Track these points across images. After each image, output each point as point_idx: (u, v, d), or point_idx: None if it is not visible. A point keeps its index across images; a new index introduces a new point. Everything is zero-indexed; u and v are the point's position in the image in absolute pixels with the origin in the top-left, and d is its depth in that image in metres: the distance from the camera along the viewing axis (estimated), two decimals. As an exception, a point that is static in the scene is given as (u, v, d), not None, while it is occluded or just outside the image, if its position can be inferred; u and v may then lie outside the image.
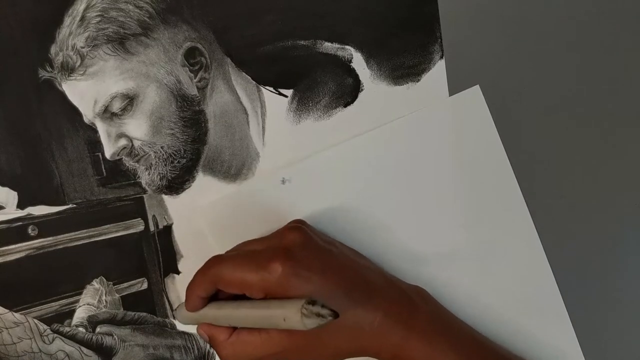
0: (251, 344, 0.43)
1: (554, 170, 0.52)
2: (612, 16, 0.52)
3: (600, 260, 0.53)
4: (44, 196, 0.46)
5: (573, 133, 0.52)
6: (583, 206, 0.53)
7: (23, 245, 0.46)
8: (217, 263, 0.43)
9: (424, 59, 0.50)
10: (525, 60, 0.51)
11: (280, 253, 0.42)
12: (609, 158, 0.53)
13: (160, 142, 0.48)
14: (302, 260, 0.42)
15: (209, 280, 0.43)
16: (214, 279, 0.43)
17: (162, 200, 0.49)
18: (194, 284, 0.44)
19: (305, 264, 0.42)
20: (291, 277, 0.41)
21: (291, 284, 0.41)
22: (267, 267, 0.41)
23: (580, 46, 0.52)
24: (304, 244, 0.43)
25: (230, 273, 0.42)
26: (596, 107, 0.52)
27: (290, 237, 0.44)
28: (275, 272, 0.41)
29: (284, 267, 0.41)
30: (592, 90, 0.52)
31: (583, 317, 0.52)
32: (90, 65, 0.46)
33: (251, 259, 0.42)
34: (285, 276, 0.41)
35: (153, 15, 0.46)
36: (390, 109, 0.50)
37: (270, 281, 0.41)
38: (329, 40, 0.49)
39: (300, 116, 0.49)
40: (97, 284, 0.48)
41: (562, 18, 0.51)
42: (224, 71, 0.48)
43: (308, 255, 0.43)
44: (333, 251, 0.45)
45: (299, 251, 0.42)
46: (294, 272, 0.41)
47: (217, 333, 0.44)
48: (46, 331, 0.47)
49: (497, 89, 0.51)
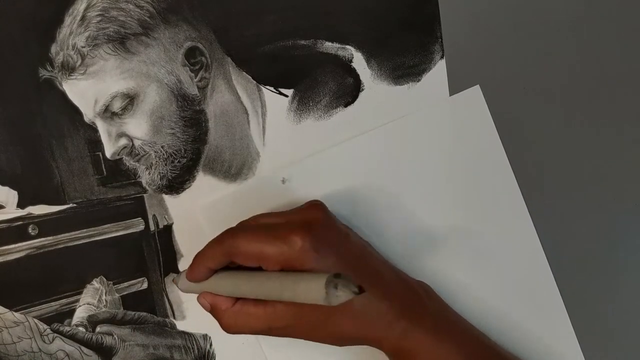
0: (255, 316, 0.43)
1: (553, 170, 0.52)
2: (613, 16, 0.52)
3: (600, 260, 0.53)
4: (44, 195, 0.46)
5: (573, 133, 0.52)
6: (583, 206, 0.53)
7: (23, 244, 0.46)
8: (233, 235, 0.42)
9: (424, 59, 0.50)
10: (525, 60, 0.51)
11: (301, 226, 0.41)
12: (608, 158, 0.53)
13: (161, 142, 0.48)
14: (321, 236, 0.42)
15: (223, 252, 0.42)
16: (229, 251, 0.42)
17: (162, 199, 0.49)
18: (205, 255, 0.43)
19: (325, 241, 0.42)
20: (310, 252, 0.41)
21: (309, 258, 0.41)
22: (286, 240, 0.41)
23: (580, 46, 0.52)
24: (325, 222, 0.43)
25: (248, 245, 0.42)
26: (596, 107, 0.53)
27: (312, 213, 0.44)
28: (295, 245, 0.41)
29: (304, 240, 0.41)
30: (592, 90, 0.52)
31: (583, 317, 0.52)
32: (91, 65, 0.46)
33: (270, 231, 0.42)
34: (304, 250, 0.41)
35: (154, 14, 0.46)
36: (390, 108, 0.50)
37: (289, 254, 0.41)
38: (330, 40, 0.49)
39: (301, 116, 0.49)
40: (97, 283, 0.48)
41: (562, 18, 0.51)
42: (225, 71, 0.48)
43: (327, 233, 0.43)
44: (350, 234, 0.45)
45: (319, 228, 0.42)
46: (314, 247, 0.41)
47: (220, 302, 0.44)
48: (46, 331, 0.47)
49: (497, 89, 0.51)
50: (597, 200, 0.53)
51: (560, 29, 0.52)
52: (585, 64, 0.52)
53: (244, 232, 0.43)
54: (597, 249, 0.53)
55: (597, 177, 0.53)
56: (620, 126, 0.53)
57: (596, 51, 0.52)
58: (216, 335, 0.50)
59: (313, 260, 0.41)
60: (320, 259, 0.41)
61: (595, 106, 0.52)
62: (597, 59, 0.52)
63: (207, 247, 0.43)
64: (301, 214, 0.44)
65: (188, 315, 0.50)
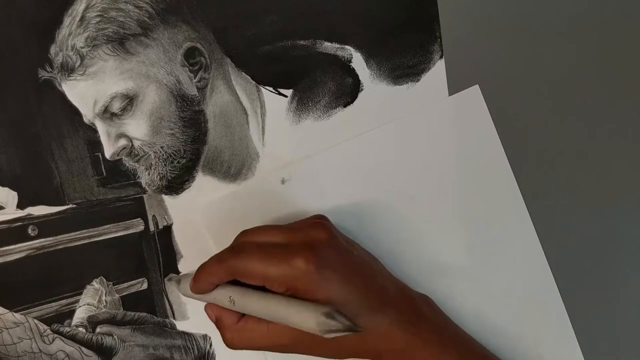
0: (258, 333, 0.43)
1: (553, 170, 0.52)
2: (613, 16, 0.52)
3: (600, 260, 0.53)
4: (44, 196, 0.46)
5: (573, 133, 0.52)
6: (583, 206, 0.53)
7: (23, 245, 0.46)
8: (236, 256, 0.43)
9: (423, 59, 0.50)
10: (525, 60, 0.51)
11: (306, 249, 0.42)
12: (608, 158, 0.53)
13: (160, 142, 0.48)
14: (325, 258, 0.42)
15: (226, 271, 0.43)
16: (232, 271, 0.42)
17: (162, 200, 0.49)
18: (208, 272, 0.43)
19: (329, 263, 0.42)
20: (314, 275, 0.41)
21: (313, 281, 0.41)
22: (290, 262, 0.41)
23: (580, 46, 0.52)
24: (329, 243, 0.43)
25: (251, 266, 0.42)
26: (596, 107, 0.52)
27: (316, 234, 0.43)
28: (299, 268, 0.41)
29: (307, 264, 0.41)
30: (593, 90, 0.52)
31: (583, 317, 0.52)
32: (90, 66, 0.46)
33: (274, 253, 0.42)
34: (308, 273, 0.41)
35: (153, 15, 0.46)
36: (390, 108, 0.50)
37: (292, 276, 0.41)
38: (329, 40, 0.49)
39: (300, 116, 0.49)
40: (97, 284, 0.48)
41: (562, 18, 0.51)
42: (224, 71, 0.48)
43: (331, 255, 0.43)
44: (354, 253, 0.45)
45: (323, 249, 0.42)
46: (317, 270, 0.41)
47: (226, 317, 0.44)
48: (46, 331, 0.47)
49: (497, 89, 0.51)
50: (597, 200, 0.53)
51: (560, 29, 0.51)
52: (585, 64, 0.52)
53: (247, 253, 0.42)
54: (597, 249, 0.53)
55: (597, 176, 0.53)
56: (621, 126, 0.53)
57: (596, 51, 0.52)
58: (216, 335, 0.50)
59: (316, 283, 0.41)
60: (324, 282, 0.41)
61: (596, 106, 0.52)
62: (597, 59, 0.52)
63: (211, 263, 0.43)
64: (305, 233, 0.44)
65: (188, 315, 0.50)
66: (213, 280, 0.43)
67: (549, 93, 0.52)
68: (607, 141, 0.53)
